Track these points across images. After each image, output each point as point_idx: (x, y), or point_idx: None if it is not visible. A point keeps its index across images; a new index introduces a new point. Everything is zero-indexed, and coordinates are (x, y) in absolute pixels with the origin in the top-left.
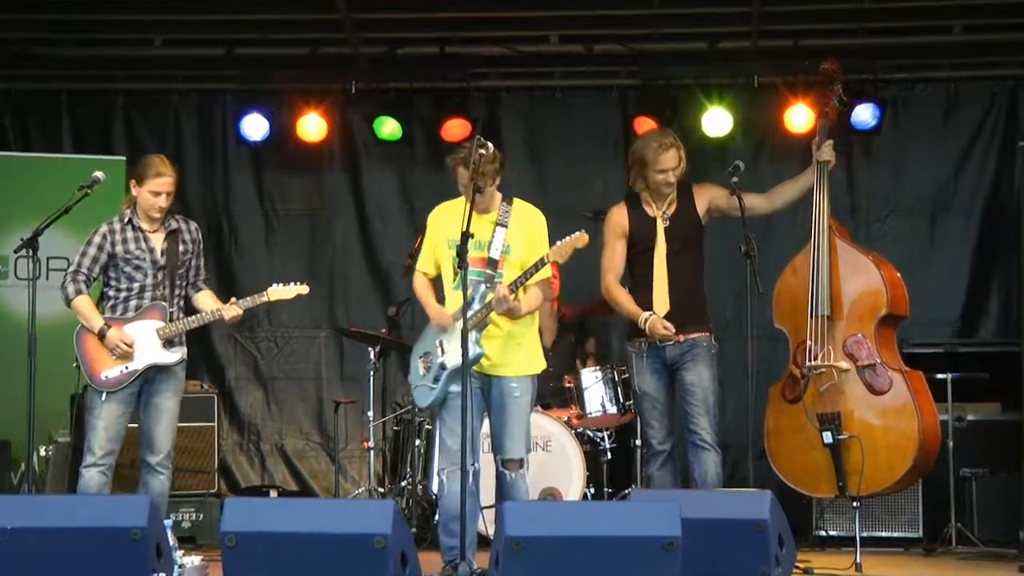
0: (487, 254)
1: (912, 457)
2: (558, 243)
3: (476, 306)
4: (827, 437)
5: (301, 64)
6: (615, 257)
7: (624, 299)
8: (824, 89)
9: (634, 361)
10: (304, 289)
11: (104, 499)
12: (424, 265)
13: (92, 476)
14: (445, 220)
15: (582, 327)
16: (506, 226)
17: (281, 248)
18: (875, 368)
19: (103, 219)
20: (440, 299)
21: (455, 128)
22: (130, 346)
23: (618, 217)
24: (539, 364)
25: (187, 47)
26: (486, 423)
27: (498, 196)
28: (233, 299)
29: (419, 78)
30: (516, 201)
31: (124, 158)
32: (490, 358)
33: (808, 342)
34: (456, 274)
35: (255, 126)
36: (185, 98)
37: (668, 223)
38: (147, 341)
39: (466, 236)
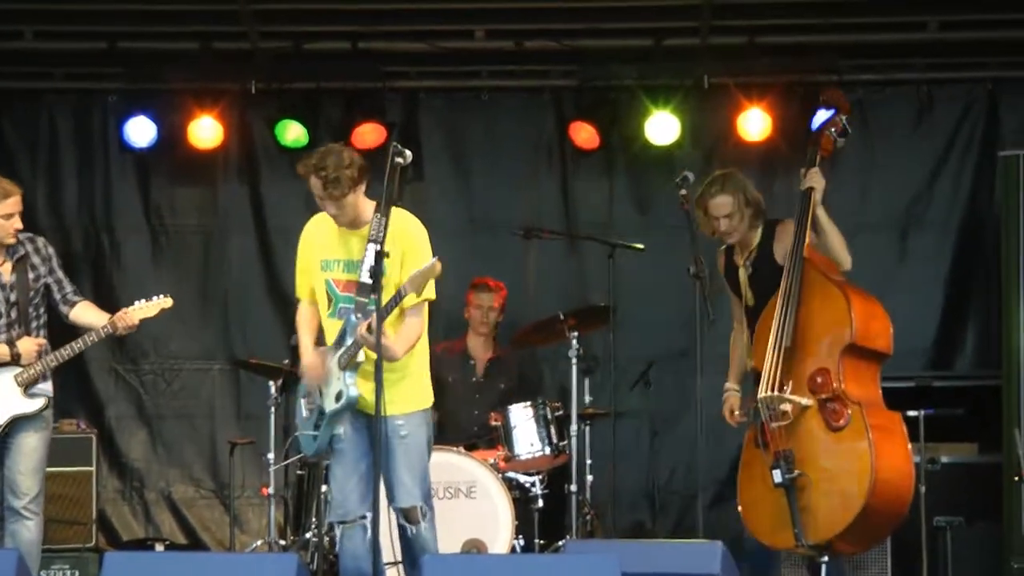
0: (358, 277)
1: (860, 505)
2: (413, 273)
3: (347, 340)
4: (776, 476)
5: (194, 60)
6: (733, 305)
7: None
8: (827, 119)
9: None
10: (168, 302)
11: None
12: (301, 292)
13: None
14: (314, 238)
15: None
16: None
17: (170, 268)
18: (835, 403)
19: None
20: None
21: (368, 134)
22: None
23: (719, 263)
24: (428, 398)
25: (63, 40)
26: None
27: (369, 207)
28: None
29: (327, 77)
30: (392, 211)
31: None
32: (367, 396)
33: (764, 375)
34: (330, 300)
35: (141, 130)
36: (61, 98)
37: (751, 270)
38: (6, 391)
39: (380, 255)
